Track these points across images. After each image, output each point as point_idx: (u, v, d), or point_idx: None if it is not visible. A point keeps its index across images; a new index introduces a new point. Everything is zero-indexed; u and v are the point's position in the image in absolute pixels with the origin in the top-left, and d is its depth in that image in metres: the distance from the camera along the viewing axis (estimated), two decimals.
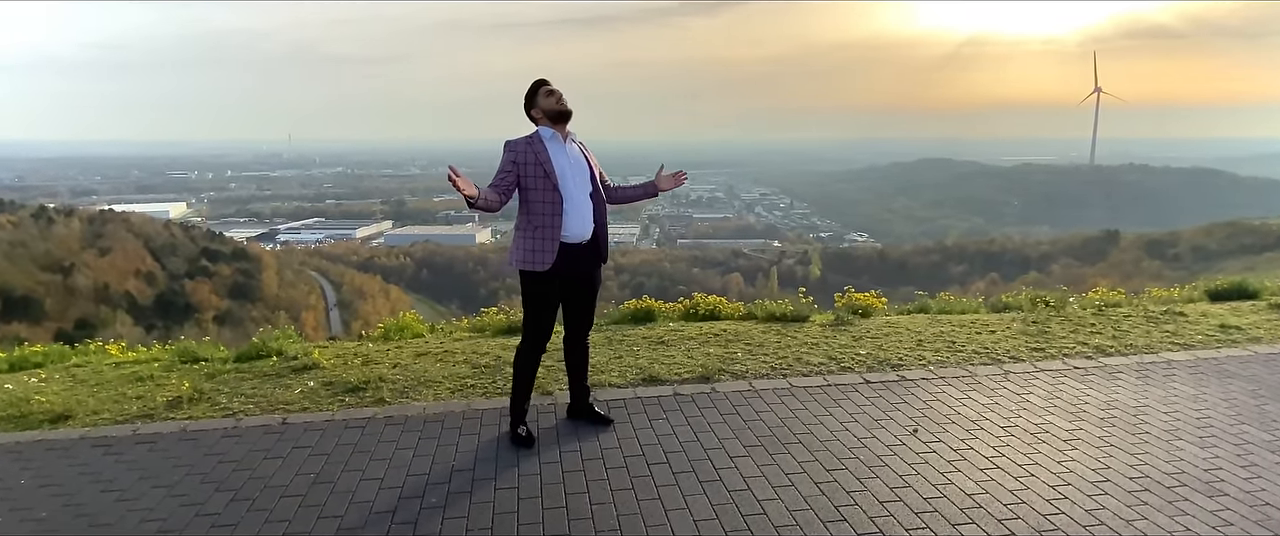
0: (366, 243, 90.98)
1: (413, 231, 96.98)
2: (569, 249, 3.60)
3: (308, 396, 4.43)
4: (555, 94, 3.62)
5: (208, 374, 4.82)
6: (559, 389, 4.45)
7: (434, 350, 5.37)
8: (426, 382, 4.63)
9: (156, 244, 51.46)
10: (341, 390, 4.52)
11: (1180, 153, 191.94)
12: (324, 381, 4.67)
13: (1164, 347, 5.21)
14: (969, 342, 5.35)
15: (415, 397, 4.40)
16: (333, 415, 4.13)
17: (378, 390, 4.48)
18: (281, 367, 4.97)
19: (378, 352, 5.37)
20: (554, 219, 3.55)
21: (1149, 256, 62.17)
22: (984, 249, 74.20)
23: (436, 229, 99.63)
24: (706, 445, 3.71)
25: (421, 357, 5.20)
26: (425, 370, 4.87)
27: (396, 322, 6.37)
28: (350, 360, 5.16)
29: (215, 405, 4.30)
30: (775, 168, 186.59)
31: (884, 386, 4.50)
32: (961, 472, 3.42)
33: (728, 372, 4.72)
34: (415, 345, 5.61)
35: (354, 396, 4.42)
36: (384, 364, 5.04)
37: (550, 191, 3.54)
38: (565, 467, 3.49)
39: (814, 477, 3.38)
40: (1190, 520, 3.02)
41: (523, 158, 3.56)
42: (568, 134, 3.66)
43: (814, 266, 68.85)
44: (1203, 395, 4.32)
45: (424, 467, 3.50)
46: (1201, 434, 3.81)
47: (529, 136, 3.64)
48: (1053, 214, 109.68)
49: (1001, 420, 3.98)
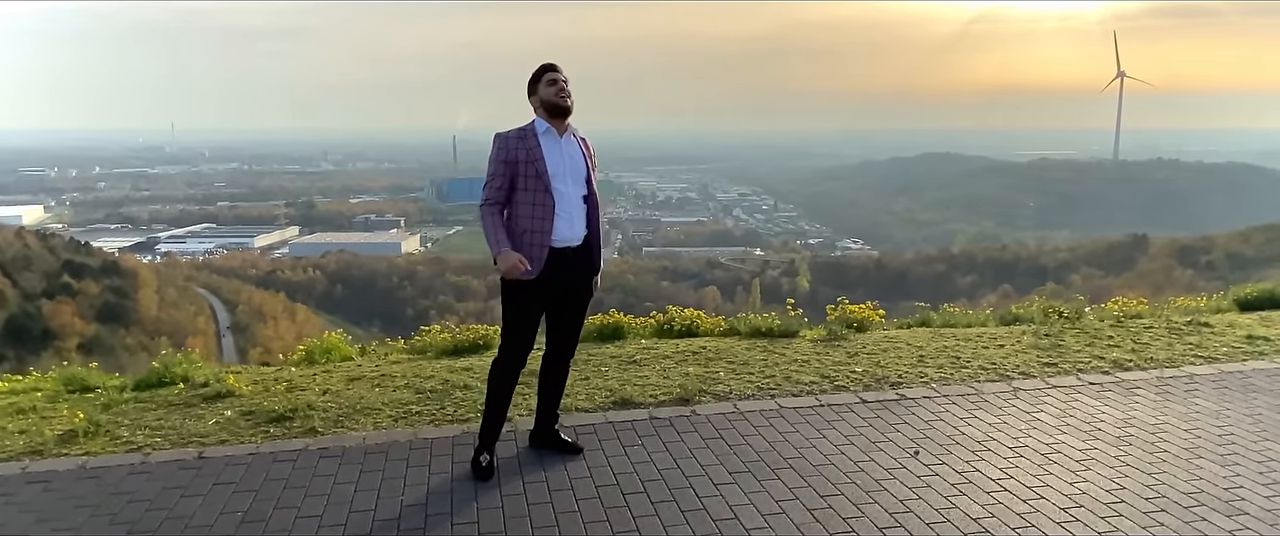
0: (268, 253, 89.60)
1: (324, 239, 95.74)
2: (558, 255, 3.76)
3: (225, 427, 4.53)
4: (558, 84, 3.76)
5: (103, 404, 4.88)
6: (520, 413, 4.63)
7: (369, 374, 5.51)
8: (364, 410, 4.77)
9: (6, 257, 49.86)
10: (264, 420, 4.63)
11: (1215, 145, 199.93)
12: (242, 411, 4.77)
13: (1186, 361, 5.61)
14: (975, 358, 5.68)
15: (352, 427, 4.53)
16: (257, 447, 4.25)
17: (307, 419, 4.60)
18: (190, 396, 5.05)
19: (302, 378, 5.48)
20: (544, 222, 3.70)
21: (1181, 265, 64.57)
22: (995, 257, 76.14)
23: (353, 236, 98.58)
24: (688, 472, 3.93)
25: (355, 383, 5.33)
26: (361, 396, 5.01)
27: (320, 344, 6.47)
28: (271, 386, 5.26)
29: (115, 438, 4.38)
30: (757, 163, 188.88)
31: (882, 406, 4.79)
32: (967, 496, 3.70)
33: (709, 394, 4.95)
34: (346, 369, 5.73)
35: (279, 427, 4.54)
36: (311, 390, 5.16)
37: (542, 193, 3.69)
38: (531, 499, 3.68)
39: (807, 504, 3.63)
40: None
41: (515, 154, 3.72)
42: (567, 128, 3.82)
43: (802, 278, 69.84)
44: (1225, 410, 4.70)
45: (368, 503, 3.65)
46: (1223, 451, 4.16)
47: (522, 130, 3.80)
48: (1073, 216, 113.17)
49: (1010, 440, 4.29)
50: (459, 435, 4.38)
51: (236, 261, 78.92)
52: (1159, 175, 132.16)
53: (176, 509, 3.60)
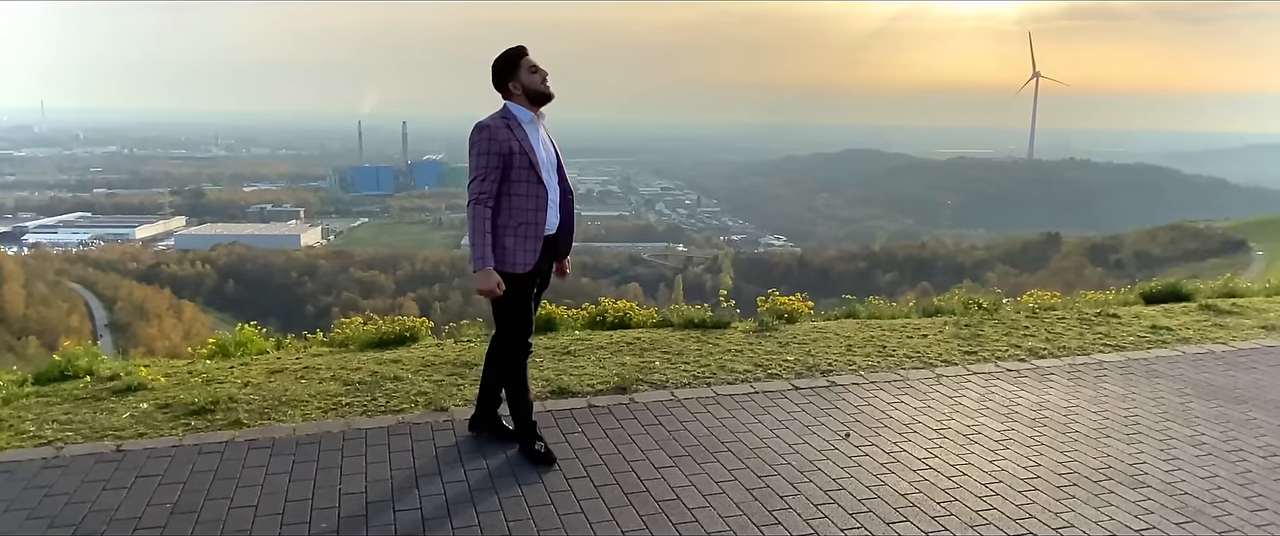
0: (150, 245, 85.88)
1: (215, 230, 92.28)
2: (548, 244, 3.93)
3: (141, 420, 4.49)
4: (541, 72, 3.81)
5: (2, 398, 4.75)
6: (455, 403, 4.74)
7: (291, 367, 5.51)
8: (290, 402, 4.79)
9: None
10: (183, 413, 4.61)
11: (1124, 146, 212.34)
12: (157, 404, 4.73)
13: (1096, 349, 6.12)
14: (900, 347, 6.06)
15: (279, 419, 4.56)
16: (179, 440, 4.24)
17: (230, 411, 4.60)
18: (98, 389, 4.97)
19: (219, 371, 5.44)
20: (539, 214, 3.79)
21: (1091, 263, 68.50)
22: (915, 255, 79.17)
23: (246, 227, 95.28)
24: (629, 457, 4.12)
25: (277, 375, 5.33)
26: (285, 388, 5.02)
27: (233, 338, 6.41)
28: (186, 380, 5.22)
29: (20, 433, 4.29)
30: (681, 156, 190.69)
31: (814, 392, 5.09)
32: (895, 474, 4.01)
33: (646, 382, 5.16)
34: (264, 362, 5.71)
35: (201, 419, 4.52)
36: (231, 383, 5.14)
37: (535, 184, 3.77)
38: (473, 485, 3.81)
39: (745, 484, 3.87)
40: (1114, 510, 3.72)
41: (506, 145, 3.73)
42: (541, 115, 3.91)
43: (725, 275, 71.07)
44: (1131, 394, 5.18)
45: (304, 492, 3.72)
46: (1128, 431, 4.60)
47: (505, 118, 3.80)
48: (989, 215, 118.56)
49: (934, 423, 4.64)
50: (394, 425, 4.46)
51: (115, 254, 75.28)
52: (1071, 175, 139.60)
53: (99, 502, 3.59)
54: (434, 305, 55.83)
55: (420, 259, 75.69)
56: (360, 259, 75.62)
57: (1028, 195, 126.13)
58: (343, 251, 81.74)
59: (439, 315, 37.79)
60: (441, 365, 5.50)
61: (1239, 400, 5.11)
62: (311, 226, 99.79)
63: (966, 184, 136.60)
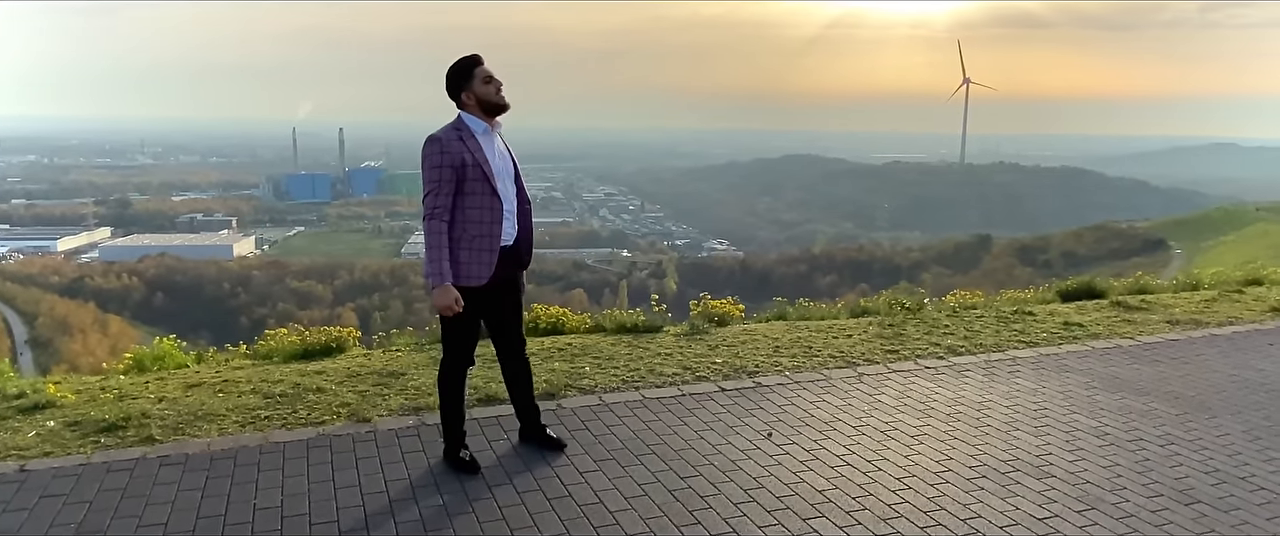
0: (74, 257, 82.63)
1: (142, 242, 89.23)
2: (504, 255, 3.86)
3: (47, 439, 4.34)
4: (495, 82, 3.76)
5: None
6: (379, 414, 4.69)
7: (210, 381, 5.38)
8: (206, 417, 4.68)
9: None
10: (92, 430, 4.47)
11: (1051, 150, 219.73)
12: (66, 421, 4.58)
13: (1011, 345, 6.34)
14: (825, 347, 6.19)
15: (194, 434, 4.45)
16: (87, 458, 4.11)
17: (143, 427, 4.48)
18: (3, 408, 4.78)
19: (133, 386, 5.29)
20: (495, 226, 3.76)
21: (1021, 263, 70.70)
22: (853, 257, 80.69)
23: (175, 238, 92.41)
24: (553, 463, 4.14)
25: (194, 390, 5.20)
26: (202, 403, 4.90)
27: (151, 352, 6.24)
28: (98, 396, 5.06)
29: None
30: (624, 161, 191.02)
31: (739, 393, 5.17)
32: (813, 471, 4.10)
33: (575, 388, 5.18)
34: (182, 376, 5.57)
35: (111, 436, 4.39)
36: (145, 398, 5.00)
37: (490, 195, 3.73)
38: (393, 496, 3.78)
39: (668, 485, 3.92)
40: (1020, 500, 3.87)
41: (459, 157, 3.69)
42: (496, 125, 3.85)
43: (669, 279, 71.43)
44: (1042, 388, 5.38)
45: (218, 508, 3.64)
46: (1037, 424, 4.78)
47: (458, 129, 3.76)
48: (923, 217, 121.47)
49: (853, 420, 4.76)
50: (314, 438, 4.40)
51: (35, 267, 72.29)
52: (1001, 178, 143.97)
53: (0, 523, 3.46)
54: (374, 315, 54.90)
55: (359, 268, 74.32)
56: (296, 269, 73.91)
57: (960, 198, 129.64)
58: (278, 261, 79.79)
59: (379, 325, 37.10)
60: (367, 375, 5.43)
61: (1142, 392, 5.35)
62: (244, 236, 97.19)
63: (902, 187, 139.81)
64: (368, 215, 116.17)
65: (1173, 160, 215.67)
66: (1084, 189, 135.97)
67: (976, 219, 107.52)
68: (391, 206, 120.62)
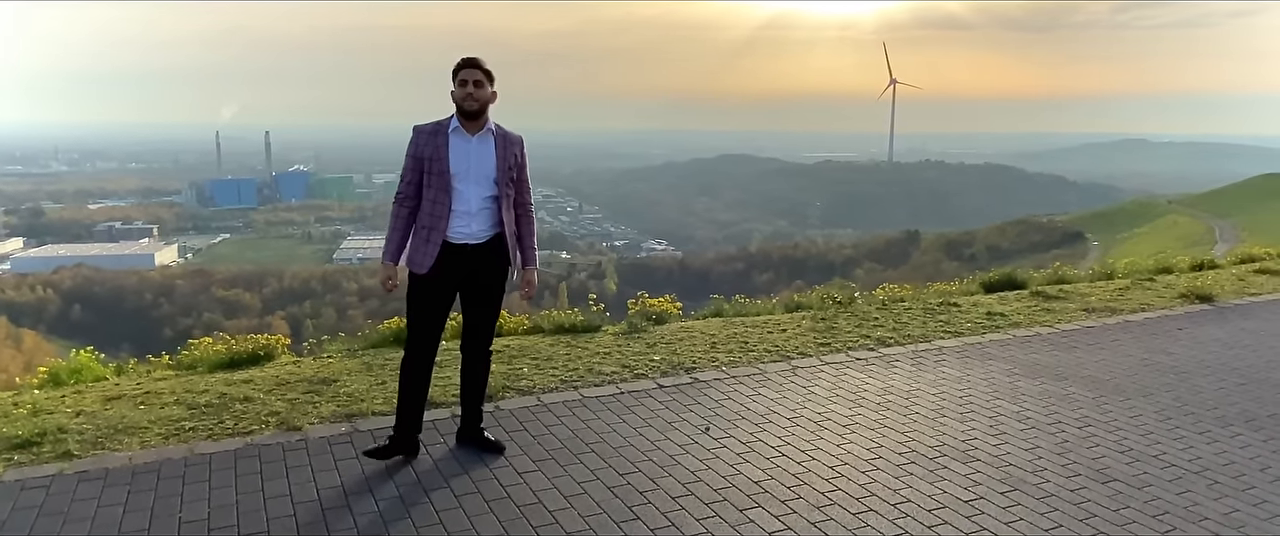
0: None
1: (57, 252, 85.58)
2: (457, 250, 3.93)
3: None
4: (466, 85, 3.83)
5: None
6: (310, 422, 4.60)
7: (130, 393, 5.19)
8: (127, 430, 4.52)
9: None
10: (4, 446, 4.27)
11: (974, 148, 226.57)
12: None
13: (937, 336, 6.54)
14: (761, 342, 6.29)
15: (115, 447, 4.29)
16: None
17: (59, 443, 4.30)
18: None
19: (48, 401, 5.07)
20: (440, 221, 3.91)
21: (948, 257, 72.78)
22: (789, 255, 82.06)
23: (93, 248, 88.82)
24: (491, 464, 4.11)
25: (114, 402, 5.01)
26: (123, 416, 4.73)
27: (67, 365, 5.99)
28: (10, 411, 4.83)
29: None
30: (561, 163, 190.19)
31: (677, 389, 5.22)
32: (749, 463, 4.16)
33: (513, 390, 5.15)
34: (101, 389, 5.36)
35: (25, 452, 4.21)
36: (60, 412, 4.80)
37: (442, 191, 3.89)
38: (325, 504, 3.70)
39: (607, 483, 3.93)
40: (947, 484, 4.00)
41: (425, 149, 3.91)
42: (485, 126, 3.92)
43: (609, 280, 71.45)
44: (966, 376, 5.56)
45: (140, 523, 3.52)
46: (962, 411, 4.94)
47: (438, 124, 3.95)
48: (855, 215, 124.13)
49: (788, 412, 4.85)
50: (241, 448, 4.28)
51: None
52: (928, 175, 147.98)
53: None
54: (305, 323, 53.55)
55: (289, 275, 72.48)
56: (222, 277, 71.71)
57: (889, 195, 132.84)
58: (203, 270, 77.28)
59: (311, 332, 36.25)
60: (297, 383, 5.31)
61: (1061, 377, 5.58)
62: (167, 244, 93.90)
63: (833, 185, 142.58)
64: (297, 220, 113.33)
65: (1088, 156, 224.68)
66: (1006, 185, 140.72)
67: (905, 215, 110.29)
68: (321, 211, 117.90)
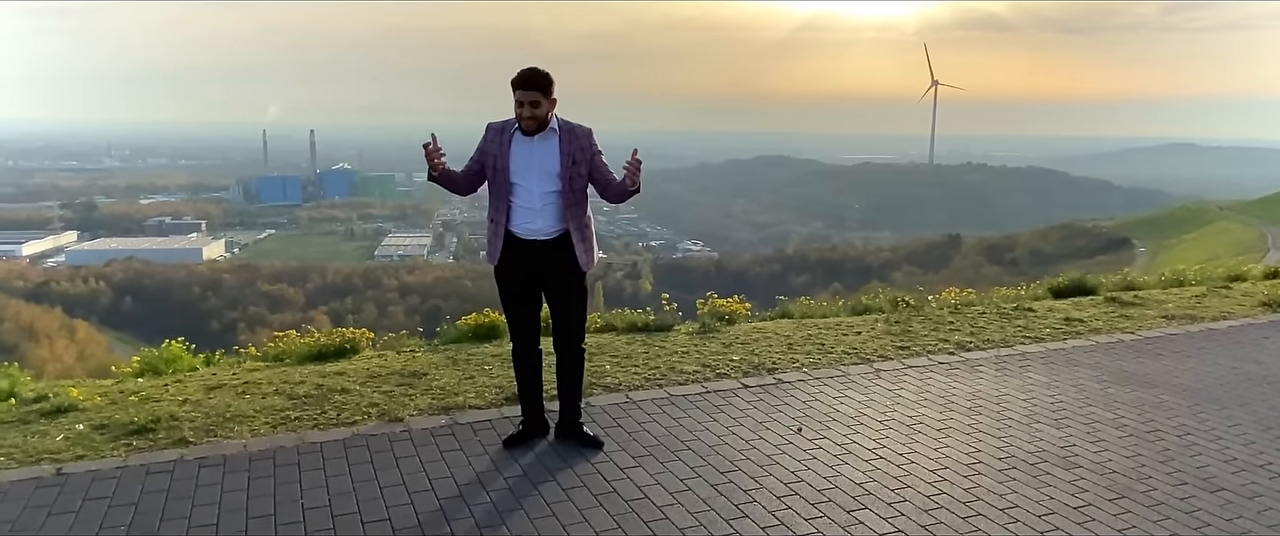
0: (39, 262, 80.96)
1: (109, 245, 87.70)
2: (520, 245, 4.06)
3: (77, 442, 4.28)
4: (523, 106, 3.91)
5: None
6: (409, 414, 4.68)
7: (230, 383, 5.32)
8: (235, 418, 4.64)
9: None
10: (122, 432, 4.41)
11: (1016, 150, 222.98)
12: (93, 424, 4.51)
13: (1017, 341, 6.46)
14: (837, 344, 6.26)
15: (227, 435, 4.41)
16: (123, 461, 4.06)
17: (174, 429, 4.43)
18: (23, 412, 4.70)
19: (153, 389, 5.22)
20: (501, 215, 4.10)
21: (989, 262, 71.72)
22: (826, 257, 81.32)
23: (144, 241, 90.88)
24: (592, 459, 4.15)
25: (216, 391, 5.14)
26: (228, 405, 4.85)
27: (160, 354, 6.16)
28: (119, 399, 4.99)
29: None
30: None
31: (763, 390, 5.22)
32: (849, 465, 4.16)
33: (599, 386, 5.20)
34: (200, 378, 5.50)
35: (143, 439, 4.34)
36: (168, 401, 4.94)
37: (503, 186, 4.06)
38: (440, 494, 3.77)
39: (709, 480, 3.95)
40: (1053, 490, 3.95)
41: (491, 147, 4.09)
42: (549, 124, 3.99)
43: (644, 280, 71.46)
44: (1054, 382, 5.49)
45: (265, 508, 3.61)
46: (1056, 417, 4.88)
47: (506, 123, 4.08)
48: (894, 217, 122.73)
49: (878, 415, 4.83)
50: (349, 438, 4.37)
51: (0, 271, 70.57)
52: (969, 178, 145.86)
53: (46, 527, 3.41)
54: (347, 318, 54.36)
55: (331, 271, 73.55)
56: (267, 272, 72.91)
57: (929, 198, 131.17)
58: (249, 265, 78.66)
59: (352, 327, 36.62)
60: (388, 376, 5.41)
61: (1151, 384, 5.48)
62: (214, 239, 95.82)
63: (872, 188, 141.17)
64: (340, 217, 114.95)
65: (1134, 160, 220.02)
66: (1049, 188, 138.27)
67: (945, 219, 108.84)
68: (364, 209, 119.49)
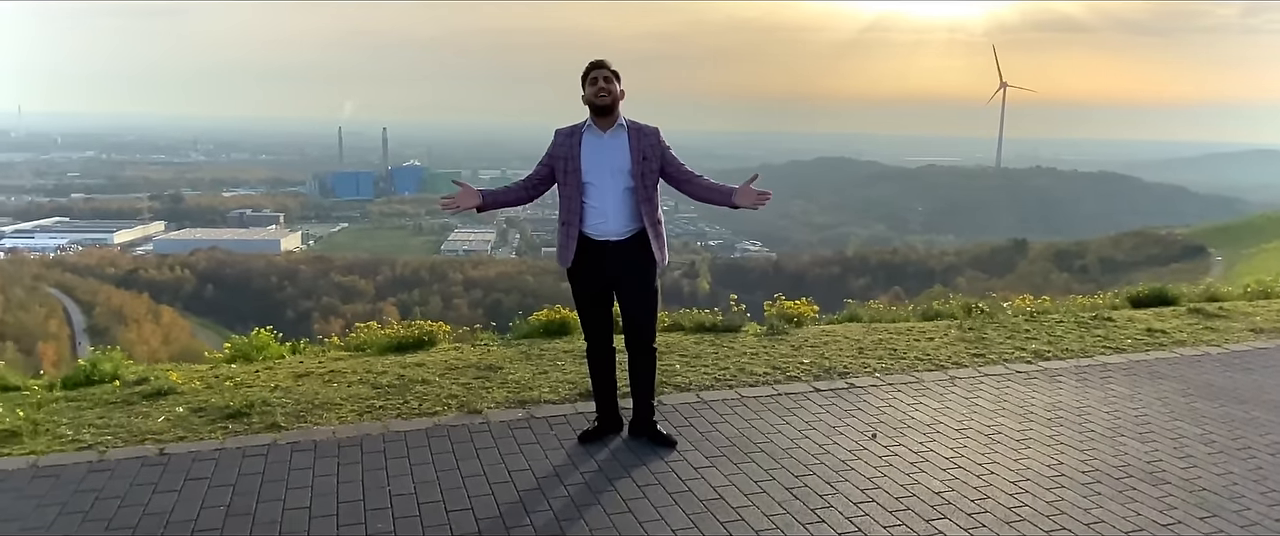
0: (129, 250, 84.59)
1: (194, 235, 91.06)
2: (596, 246, 4.06)
3: (177, 424, 4.45)
4: (597, 83, 3.97)
5: (34, 403, 4.69)
6: (487, 406, 4.75)
7: (316, 371, 5.48)
8: (323, 406, 4.77)
9: None
10: (218, 416, 4.58)
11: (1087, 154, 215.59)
12: (191, 407, 4.69)
13: (1097, 351, 6.24)
14: (910, 350, 6.14)
15: (316, 422, 4.54)
16: (220, 443, 4.21)
17: (266, 414, 4.58)
18: (128, 394, 4.92)
19: (246, 374, 5.41)
20: (574, 216, 4.09)
21: (1057, 268, 69.42)
22: (887, 260, 79.79)
23: (226, 232, 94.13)
24: (666, 458, 4.15)
25: (304, 379, 5.30)
26: (316, 392, 5.00)
27: (251, 341, 6.37)
28: (214, 383, 5.18)
29: (59, 438, 4.24)
30: None
31: (834, 393, 5.15)
32: (926, 473, 4.07)
33: (670, 385, 5.20)
34: (289, 366, 5.68)
35: (238, 422, 4.50)
36: (260, 387, 5.11)
37: (575, 187, 4.06)
38: (519, 486, 3.82)
39: (784, 483, 3.92)
40: (1140, 505, 3.81)
41: (561, 151, 4.10)
42: (616, 122, 4.05)
43: (702, 280, 71.23)
44: (1138, 395, 5.29)
45: (355, 494, 3.71)
46: (1140, 431, 4.70)
47: (574, 127, 4.13)
48: (958, 221, 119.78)
49: (955, 423, 4.72)
50: (431, 428, 4.46)
51: (93, 259, 74.06)
52: (1037, 182, 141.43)
53: (151, 505, 3.56)
54: (414, 310, 55.52)
55: (400, 264, 75.12)
56: (340, 264, 74.90)
57: (995, 202, 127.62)
58: (323, 256, 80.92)
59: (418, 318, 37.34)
60: (465, 369, 5.50)
61: (1240, 400, 5.24)
62: (291, 231, 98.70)
63: (936, 191, 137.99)
64: (409, 212, 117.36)
65: (1211, 166, 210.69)
66: (1121, 194, 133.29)
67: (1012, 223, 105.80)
68: (432, 204, 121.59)
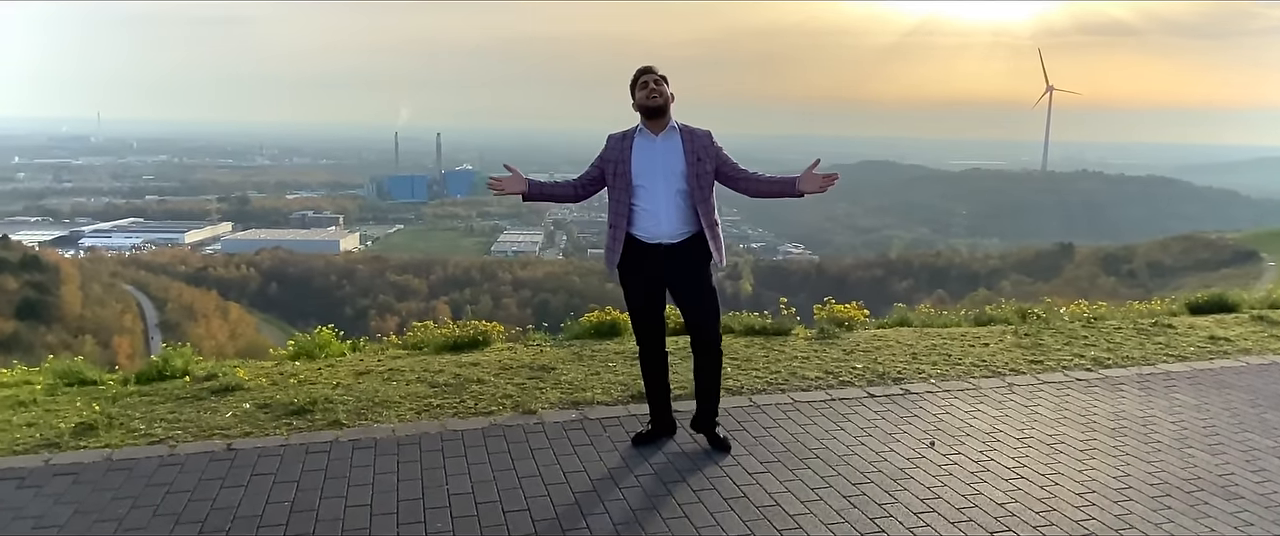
0: (199, 249, 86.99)
1: (258, 236, 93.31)
2: (648, 249, 3.97)
3: (244, 420, 4.48)
4: (647, 86, 3.92)
5: (109, 397, 4.76)
6: (541, 406, 4.70)
7: (376, 369, 5.48)
8: (383, 403, 4.76)
9: None
10: (282, 412, 4.59)
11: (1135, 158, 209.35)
12: (257, 403, 4.72)
13: (1160, 359, 5.96)
14: (965, 355, 5.93)
15: (376, 419, 4.53)
16: (285, 440, 4.21)
17: (328, 412, 4.58)
18: (197, 389, 4.97)
19: (308, 372, 5.43)
20: (622, 218, 4.02)
21: (1104, 272, 67.42)
22: (929, 263, 78.35)
23: (289, 233, 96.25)
24: (721, 463, 4.05)
25: (364, 377, 5.31)
26: (376, 390, 4.99)
27: (313, 339, 6.41)
28: (278, 380, 5.21)
29: (132, 431, 4.29)
30: None
31: (889, 400, 4.99)
32: (987, 483, 3.90)
33: (722, 388, 5.07)
34: (349, 364, 5.69)
35: (302, 419, 4.50)
36: (322, 384, 5.12)
37: (624, 191, 3.99)
38: (575, 488, 3.75)
39: (841, 491, 3.78)
40: (1213, 521, 3.59)
41: (612, 154, 4.05)
42: (668, 125, 3.98)
43: (744, 281, 70.80)
44: (1205, 405, 5.03)
45: (414, 492, 3.68)
46: (1210, 442, 4.46)
47: (627, 131, 4.08)
48: (1003, 224, 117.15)
49: (1015, 432, 4.52)
50: (487, 427, 4.42)
51: (165, 257, 76.32)
52: (1084, 186, 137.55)
53: (219, 499, 3.57)
54: (465, 308, 56.12)
55: (452, 264, 76.06)
56: (395, 264, 76.10)
57: (1041, 205, 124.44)
58: (379, 256, 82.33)
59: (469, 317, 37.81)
60: (519, 369, 5.46)
61: None
62: (350, 232, 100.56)
63: (980, 194, 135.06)
64: (461, 215, 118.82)
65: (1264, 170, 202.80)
66: (1170, 198, 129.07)
67: (1058, 227, 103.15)
68: (483, 207, 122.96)
